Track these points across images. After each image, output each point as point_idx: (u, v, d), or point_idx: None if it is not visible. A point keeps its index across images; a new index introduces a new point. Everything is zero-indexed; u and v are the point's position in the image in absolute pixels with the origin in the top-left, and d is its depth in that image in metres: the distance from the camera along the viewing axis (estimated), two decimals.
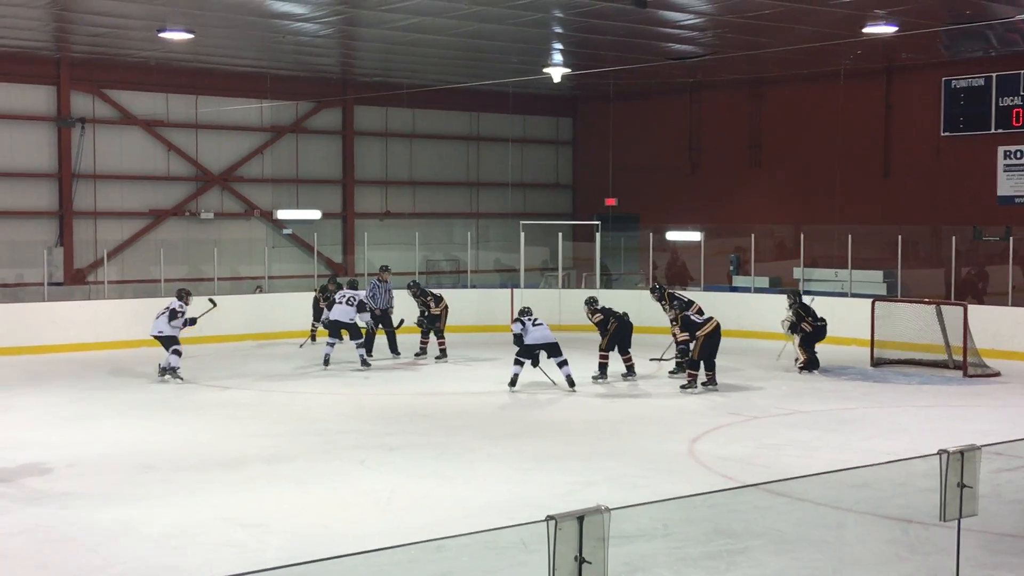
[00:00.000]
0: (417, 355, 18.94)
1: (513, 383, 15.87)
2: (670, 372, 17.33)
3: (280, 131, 26.69)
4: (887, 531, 8.91)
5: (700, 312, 16.68)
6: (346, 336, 18.18)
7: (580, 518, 4.21)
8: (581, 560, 4.21)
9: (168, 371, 16.57)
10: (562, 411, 14.54)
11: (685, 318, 16.22)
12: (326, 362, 17.82)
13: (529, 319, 16.04)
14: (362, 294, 18.57)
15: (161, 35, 19.20)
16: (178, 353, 16.63)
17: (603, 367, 16.67)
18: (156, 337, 16.83)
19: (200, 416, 14.08)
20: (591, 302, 17.01)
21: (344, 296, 18.15)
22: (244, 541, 8.70)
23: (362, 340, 18.15)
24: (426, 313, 18.99)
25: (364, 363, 17.86)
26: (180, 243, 24.93)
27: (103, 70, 23.93)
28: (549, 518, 4.20)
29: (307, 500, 10.01)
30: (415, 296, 19.16)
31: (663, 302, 17.93)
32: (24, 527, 9.07)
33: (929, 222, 23.39)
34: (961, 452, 5.69)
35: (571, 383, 15.77)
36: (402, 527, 9.04)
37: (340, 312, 17.91)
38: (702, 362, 15.78)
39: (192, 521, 9.23)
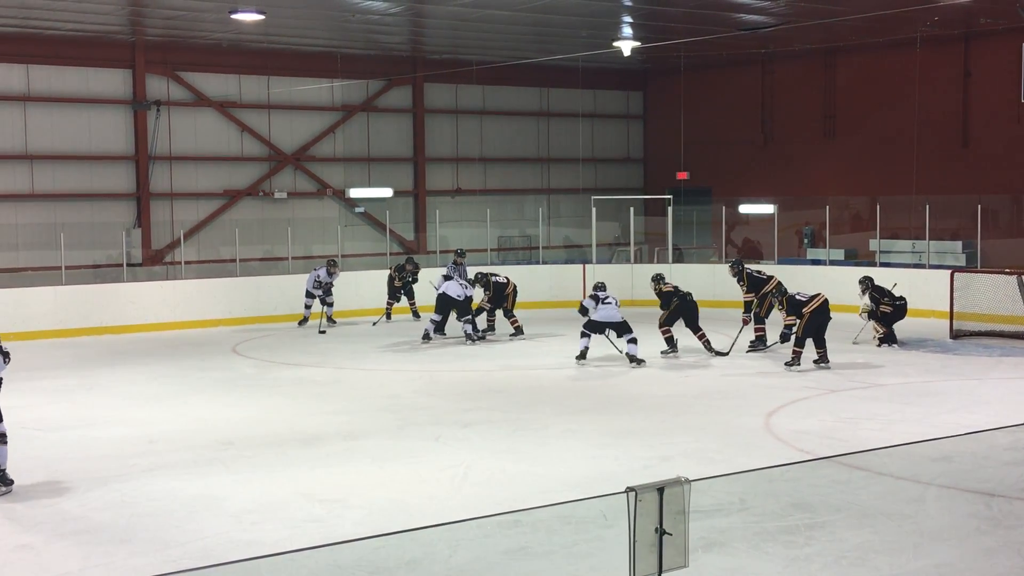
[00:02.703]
0: (486, 332, 18.87)
1: (582, 356, 15.88)
2: (750, 345, 17.14)
3: (351, 110, 26.84)
4: (969, 505, 8.77)
5: (779, 288, 16.35)
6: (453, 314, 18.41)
7: (660, 490, 4.20)
8: (662, 532, 4.20)
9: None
10: (636, 386, 14.49)
11: (790, 299, 15.72)
12: (427, 337, 18.14)
13: (603, 295, 16.02)
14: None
15: (233, 16, 19.37)
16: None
17: (669, 340, 16.57)
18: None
19: (277, 393, 14.26)
20: (658, 279, 16.90)
21: (456, 272, 18.54)
22: (322, 516, 8.81)
23: (469, 316, 18.20)
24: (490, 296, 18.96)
25: (469, 338, 18.08)
26: (254, 223, 25.23)
27: (177, 53, 24.25)
28: (629, 490, 4.19)
29: (384, 476, 10.10)
30: (483, 287, 19.18)
31: (740, 281, 17.63)
32: (107, 503, 9.27)
33: (1009, 191, 22.88)
34: None
35: (632, 359, 15.74)
36: (478, 503, 9.09)
37: (452, 288, 18.16)
38: (812, 339, 15.36)
39: (271, 497, 9.37)
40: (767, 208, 24.27)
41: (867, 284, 17.41)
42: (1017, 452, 5.64)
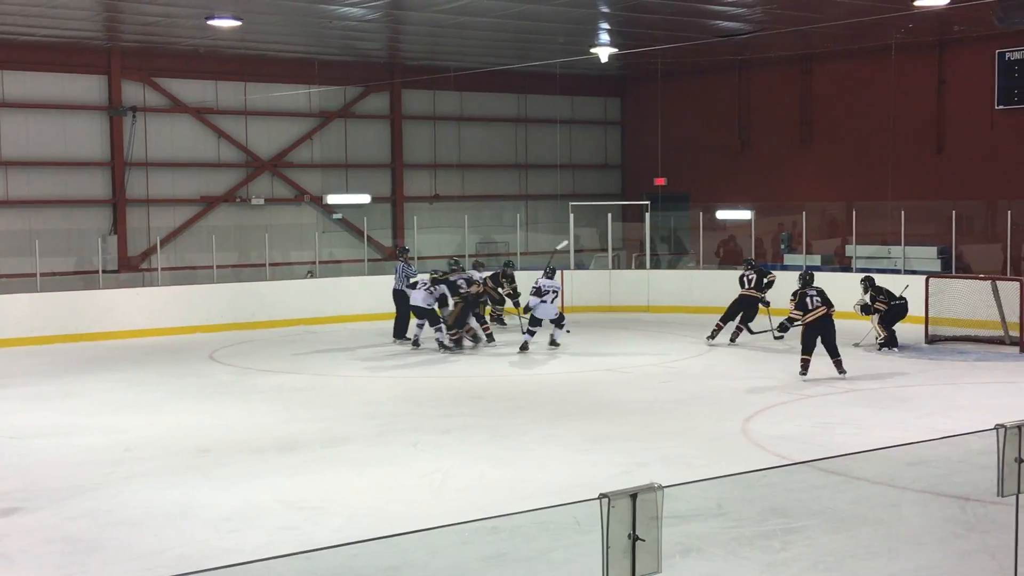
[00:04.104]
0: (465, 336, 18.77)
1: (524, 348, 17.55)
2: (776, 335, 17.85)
3: (329, 116, 26.81)
4: (944, 509, 8.84)
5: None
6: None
7: (633, 496, 4.21)
8: (635, 538, 4.22)
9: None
10: (615, 392, 14.53)
11: (801, 295, 15.48)
12: (415, 343, 18.38)
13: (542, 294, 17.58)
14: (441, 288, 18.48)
15: (209, 23, 19.33)
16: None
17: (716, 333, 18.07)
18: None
19: (256, 400, 14.23)
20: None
21: (425, 283, 18.31)
22: (301, 524, 8.79)
23: (439, 325, 18.14)
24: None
25: (442, 346, 18.06)
26: (231, 229, 25.15)
27: (153, 59, 24.16)
28: (602, 496, 4.21)
29: (363, 483, 10.09)
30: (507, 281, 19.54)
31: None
32: (83, 511, 9.22)
33: (984, 197, 23.05)
34: (1019, 427, 5.63)
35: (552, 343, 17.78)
36: (457, 509, 9.09)
37: (418, 297, 18.22)
38: (826, 349, 15.20)
39: (249, 504, 9.34)
40: (744, 214, 24.38)
41: (868, 283, 17.80)
42: (991, 456, 5.69)
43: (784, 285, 21.17)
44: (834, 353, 15.21)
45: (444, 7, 18.79)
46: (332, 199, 26.10)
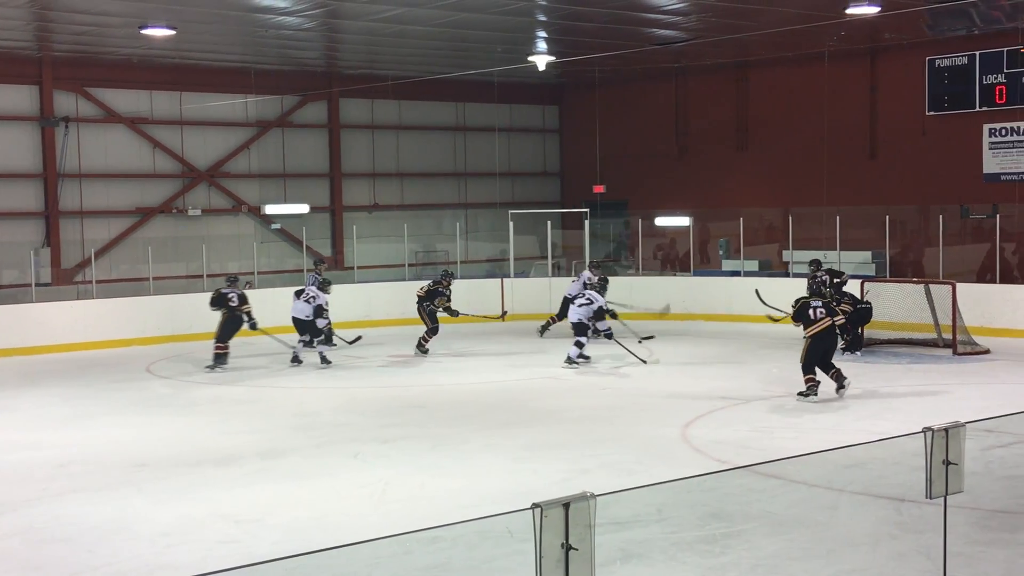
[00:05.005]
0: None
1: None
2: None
3: (266, 126, 26.62)
4: (880, 510, 8.95)
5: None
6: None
7: (566, 505, 4.21)
8: (568, 547, 4.21)
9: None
10: (556, 400, 14.55)
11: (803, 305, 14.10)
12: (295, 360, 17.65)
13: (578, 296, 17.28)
14: (324, 298, 17.71)
15: (143, 32, 19.12)
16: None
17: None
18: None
19: (193, 413, 14.07)
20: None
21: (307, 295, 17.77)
22: (239, 537, 8.70)
23: (322, 337, 17.80)
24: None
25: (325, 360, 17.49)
26: (168, 240, 24.87)
27: (86, 68, 23.83)
28: (535, 506, 4.20)
29: (302, 495, 10.00)
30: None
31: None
32: (18, 528, 9.06)
33: (916, 201, 23.42)
34: (946, 430, 5.73)
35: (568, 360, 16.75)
36: (398, 519, 9.04)
37: (296, 308, 17.73)
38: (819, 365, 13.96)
39: (187, 518, 9.22)
40: (683, 220, 24.57)
41: (816, 266, 18.46)
42: (924, 458, 5.79)
43: (718, 291, 21.42)
44: (829, 366, 13.90)
45: (381, 16, 18.74)
46: (270, 209, 25.90)
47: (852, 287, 18.75)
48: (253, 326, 17.70)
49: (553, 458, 11.09)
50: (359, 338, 17.09)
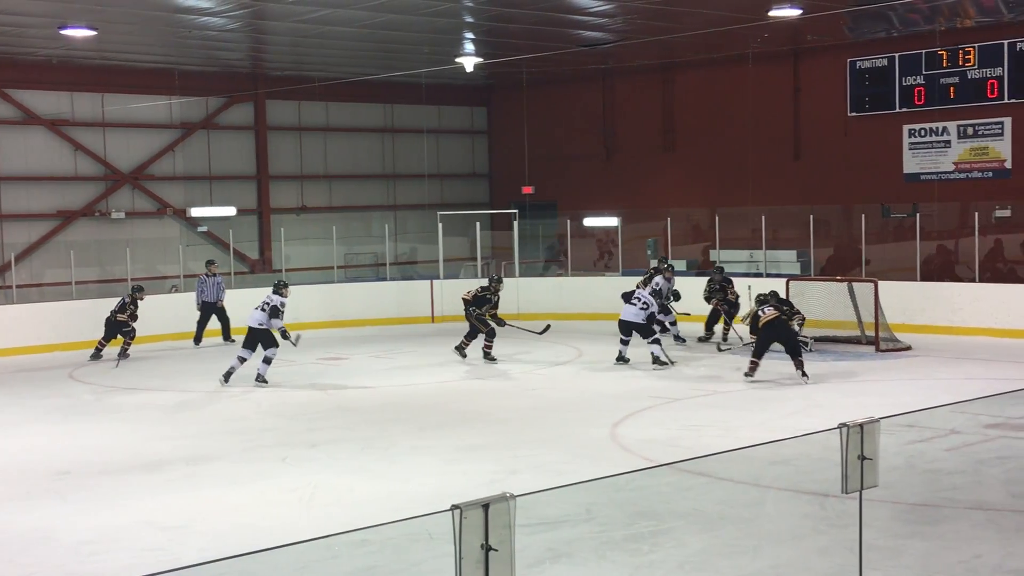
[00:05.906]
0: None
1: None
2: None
3: (191, 128, 26.30)
4: (805, 505, 9.08)
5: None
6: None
7: (485, 506, 4.22)
8: (488, 548, 4.22)
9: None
10: (485, 401, 14.56)
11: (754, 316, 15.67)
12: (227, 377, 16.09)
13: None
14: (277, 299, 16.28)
15: (62, 32, 18.79)
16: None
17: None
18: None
19: (118, 419, 13.86)
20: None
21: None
22: (164, 544, 8.59)
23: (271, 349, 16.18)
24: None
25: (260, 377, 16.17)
26: (91, 244, 24.46)
27: (3, 69, 23.35)
28: (454, 507, 4.21)
29: (229, 500, 9.91)
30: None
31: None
32: None
33: (839, 201, 23.79)
34: (861, 425, 5.85)
35: (655, 360, 16.57)
36: (326, 522, 8.99)
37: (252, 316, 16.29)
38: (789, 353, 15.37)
39: (111, 526, 9.09)
40: (611, 220, 24.70)
41: (718, 270, 19.29)
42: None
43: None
44: (796, 354, 15.13)
45: (307, 17, 18.61)
46: (196, 212, 25.58)
47: (777, 285, 18.99)
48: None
49: (482, 459, 11.10)
50: (299, 336, 16.46)
